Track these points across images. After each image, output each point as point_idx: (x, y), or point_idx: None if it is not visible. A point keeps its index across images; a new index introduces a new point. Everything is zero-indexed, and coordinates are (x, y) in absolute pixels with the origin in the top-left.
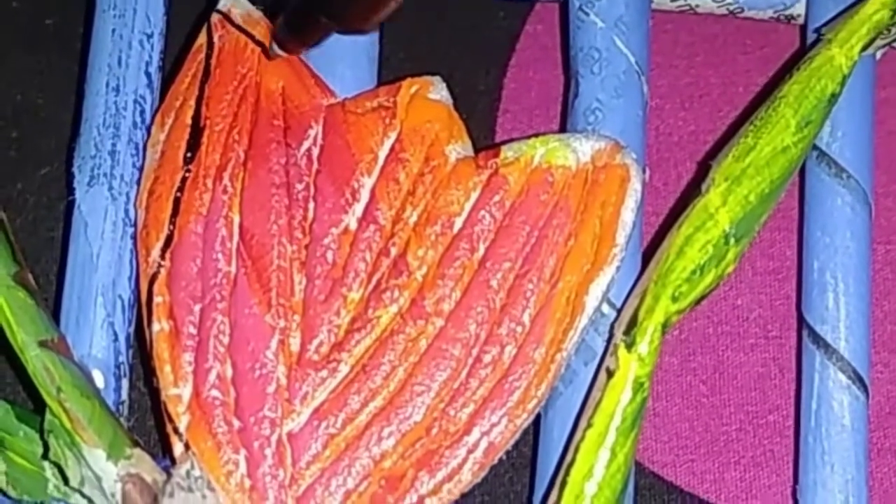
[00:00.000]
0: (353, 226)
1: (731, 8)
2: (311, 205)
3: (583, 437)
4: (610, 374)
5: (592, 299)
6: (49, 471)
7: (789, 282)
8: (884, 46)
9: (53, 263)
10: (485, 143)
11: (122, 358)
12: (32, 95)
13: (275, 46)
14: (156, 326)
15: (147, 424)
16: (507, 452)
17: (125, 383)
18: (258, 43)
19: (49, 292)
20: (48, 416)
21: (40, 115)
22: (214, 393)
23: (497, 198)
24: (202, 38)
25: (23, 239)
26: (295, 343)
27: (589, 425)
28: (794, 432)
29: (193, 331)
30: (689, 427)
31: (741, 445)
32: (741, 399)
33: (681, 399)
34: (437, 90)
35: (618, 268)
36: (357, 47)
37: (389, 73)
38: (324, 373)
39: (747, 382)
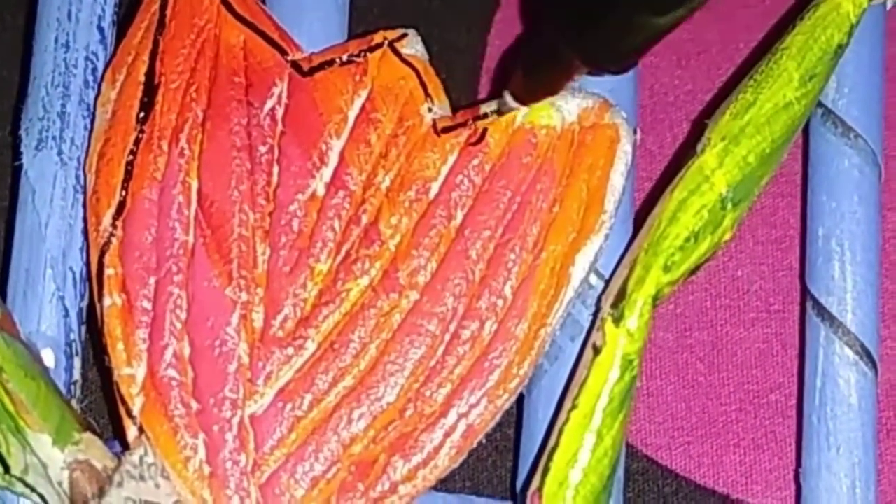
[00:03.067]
0: (321, 192)
1: None
2: (276, 169)
3: (567, 420)
4: (596, 350)
5: (579, 270)
6: None
7: (792, 251)
8: None
9: (3, 237)
10: (466, 105)
11: (73, 335)
12: None
13: (508, 99)
14: (107, 301)
15: (104, 407)
16: (490, 435)
17: (77, 362)
18: None
19: None
20: None
21: None
22: (171, 372)
23: (476, 161)
24: None
25: None
26: (258, 318)
27: (573, 406)
28: (797, 413)
29: (148, 305)
30: (685, 408)
31: (741, 427)
32: (741, 378)
33: (676, 378)
34: (412, 44)
35: (606, 236)
36: None
37: (361, 27)
38: (289, 350)
39: (747, 360)
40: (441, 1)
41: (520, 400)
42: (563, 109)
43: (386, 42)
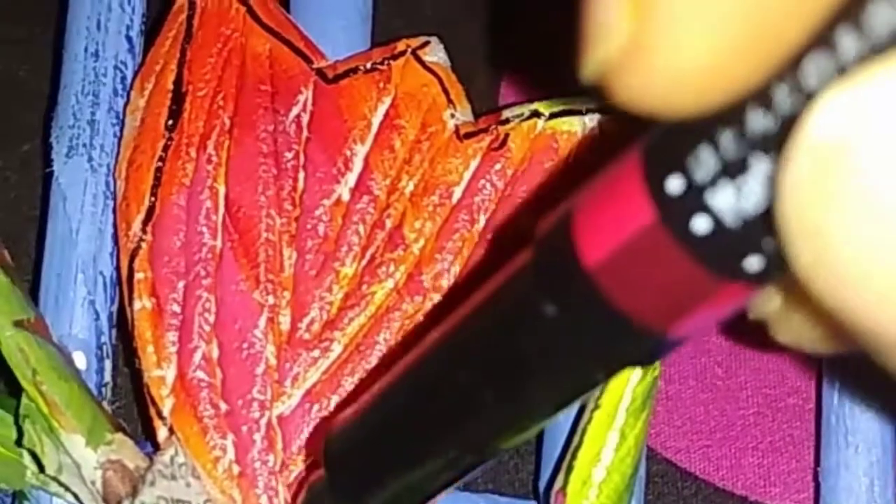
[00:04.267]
0: (346, 197)
1: None
2: (301, 175)
3: (590, 420)
4: None
5: None
6: (27, 458)
7: None
8: None
9: (35, 243)
10: (487, 112)
11: (104, 338)
12: (14, 67)
13: None
14: (137, 304)
15: (135, 409)
16: None
17: (108, 364)
18: (243, 2)
19: (30, 273)
20: (24, 400)
21: (23, 89)
22: (200, 374)
23: (498, 166)
24: None
25: (3, 218)
26: (285, 321)
27: (596, 406)
28: (815, 415)
29: (177, 309)
30: (704, 411)
31: (759, 430)
32: (759, 381)
33: (695, 382)
34: (435, 51)
35: None
36: (349, 6)
37: (384, 37)
38: (316, 352)
39: (765, 364)
40: (463, 11)
41: None
42: (584, 115)
43: (409, 50)
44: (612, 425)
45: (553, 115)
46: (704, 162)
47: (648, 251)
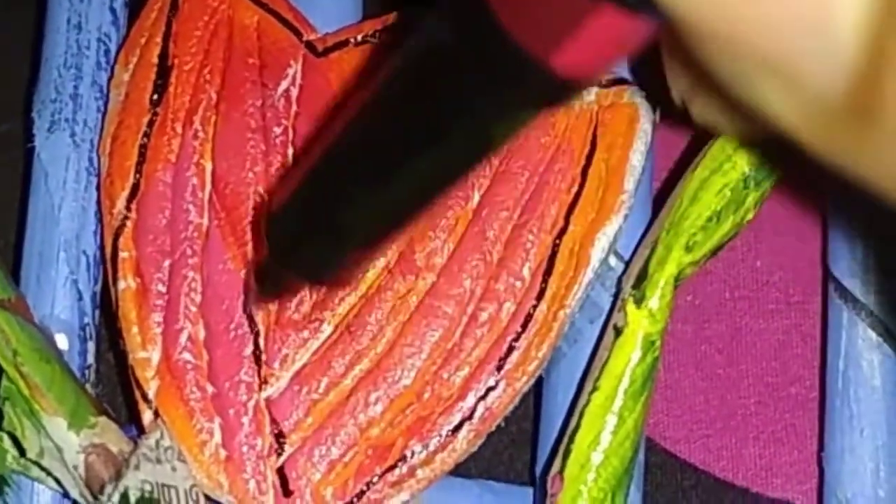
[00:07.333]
0: None
1: None
2: (291, 150)
3: (588, 402)
4: (618, 331)
5: (598, 251)
6: (7, 441)
7: (812, 242)
8: None
9: (16, 224)
10: None
11: (87, 319)
12: None
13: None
14: (121, 284)
15: (119, 391)
16: (507, 426)
17: (91, 346)
18: None
19: (11, 252)
20: (4, 382)
21: (3, 64)
22: (186, 356)
23: None
24: None
25: None
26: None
27: (594, 388)
28: (818, 404)
29: (162, 289)
30: (703, 400)
31: (760, 420)
32: (760, 370)
33: (695, 370)
34: None
35: (626, 216)
36: None
37: (377, 8)
38: (305, 333)
39: (767, 351)
40: None
41: (538, 383)
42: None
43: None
44: (611, 408)
45: None
46: None
47: None
